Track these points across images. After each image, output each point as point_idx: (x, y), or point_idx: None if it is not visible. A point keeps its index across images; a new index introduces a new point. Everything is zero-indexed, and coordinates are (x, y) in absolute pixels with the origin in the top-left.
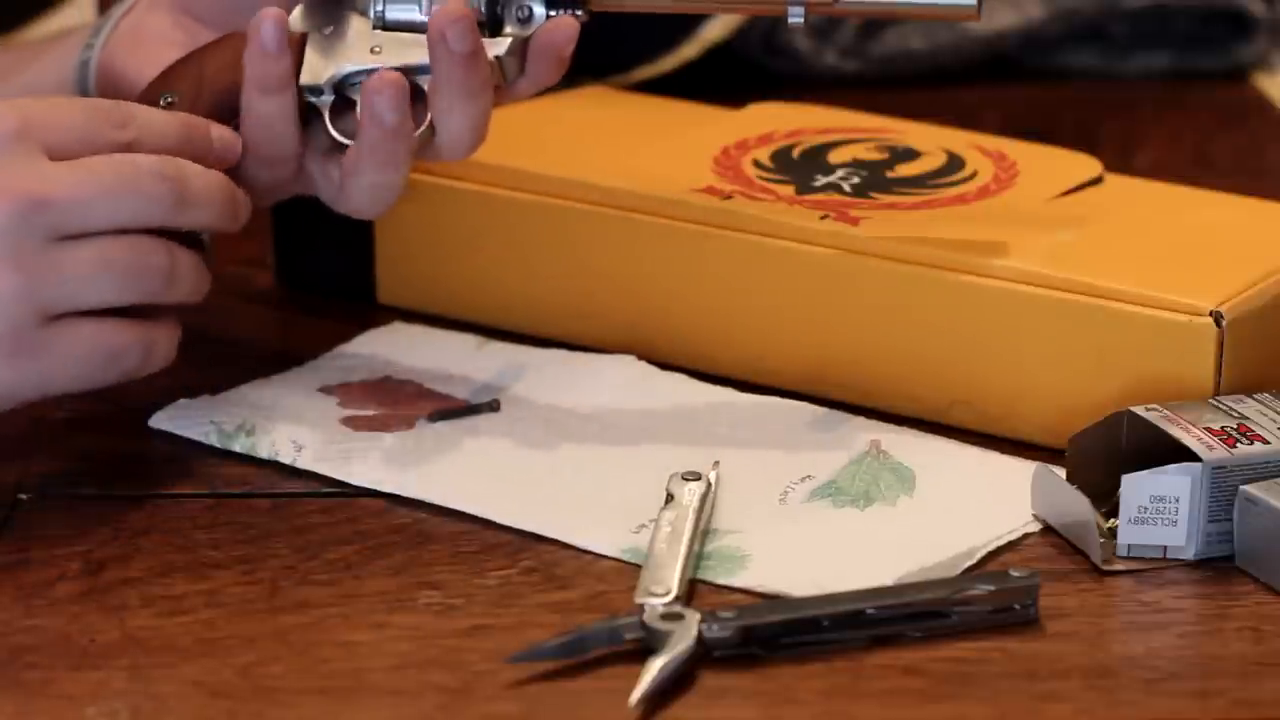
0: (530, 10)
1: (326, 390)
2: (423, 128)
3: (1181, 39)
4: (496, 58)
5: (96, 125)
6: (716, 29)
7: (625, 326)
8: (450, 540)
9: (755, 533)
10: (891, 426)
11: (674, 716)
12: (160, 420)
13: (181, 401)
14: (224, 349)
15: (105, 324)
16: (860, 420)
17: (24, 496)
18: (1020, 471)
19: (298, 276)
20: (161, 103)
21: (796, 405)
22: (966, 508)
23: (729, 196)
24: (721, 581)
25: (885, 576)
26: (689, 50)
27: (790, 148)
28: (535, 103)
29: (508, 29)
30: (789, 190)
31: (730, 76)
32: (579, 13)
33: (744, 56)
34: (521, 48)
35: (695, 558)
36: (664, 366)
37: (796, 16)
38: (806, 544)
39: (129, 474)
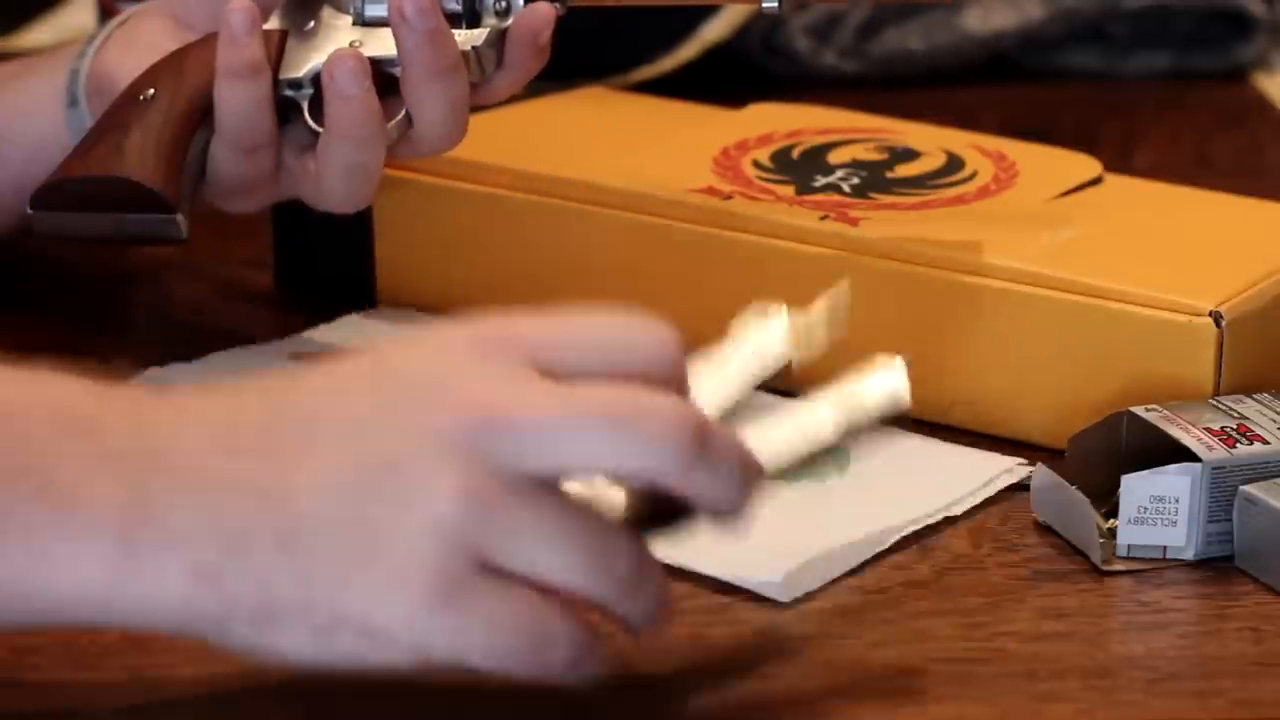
0: (509, 3)
1: (297, 358)
2: (398, 118)
3: (1181, 39)
4: (474, 49)
5: (608, 350)
6: (716, 29)
7: None
8: None
9: None
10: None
11: (674, 717)
12: None
13: (151, 370)
14: (224, 349)
15: (545, 597)
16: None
17: None
18: (962, 458)
19: (298, 276)
20: (141, 98)
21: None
22: (894, 489)
23: (729, 197)
24: None
25: (795, 552)
26: (688, 51)
27: (790, 148)
28: (535, 103)
29: (487, 21)
30: (789, 190)
31: (730, 77)
32: (558, 5)
33: (744, 57)
34: (499, 39)
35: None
36: None
37: (772, 3)
38: None
39: None
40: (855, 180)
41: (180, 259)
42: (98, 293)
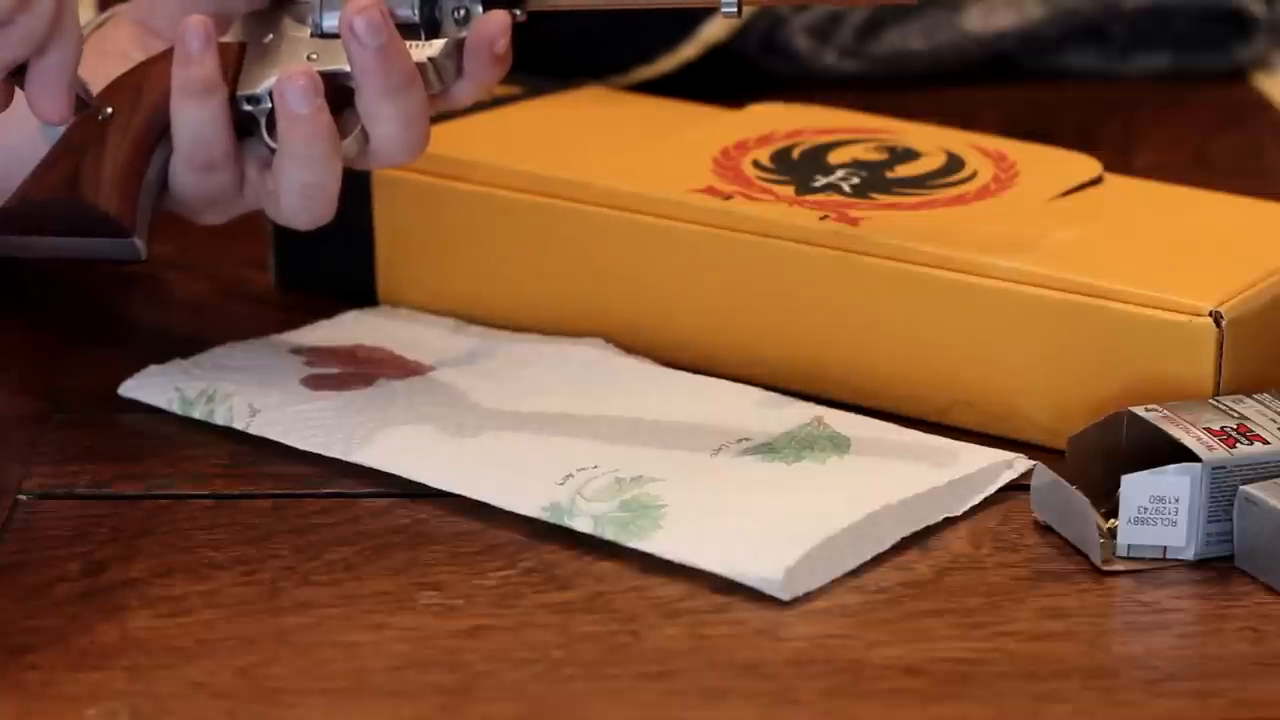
0: (467, 11)
1: (297, 351)
2: (355, 132)
3: (1181, 39)
4: (431, 60)
5: None
6: (716, 29)
7: (625, 327)
8: (450, 541)
9: (676, 480)
10: (836, 411)
11: (674, 717)
12: (129, 388)
13: (151, 368)
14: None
15: None
16: (809, 403)
17: (24, 497)
18: (953, 453)
19: (298, 277)
20: (99, 117)
21: (744, 387)
22: (890, 473)
23: (729, 197)
24: (633, 545)
25: (796, 538)
26: (688, 50)
27: (790, 148)
28: (535, 103)
29: (447, 31)
30: (789, 191)
31: (730, 76)
32: (516, 12)
33: (743, 56)
34: (457, 49)
35: None
36: (666, 366)
37: (730, 7)
38: (724, 492)
39: (129, 474)
40: (855, 180)
41: (180, 259)
42: (98, 293)
